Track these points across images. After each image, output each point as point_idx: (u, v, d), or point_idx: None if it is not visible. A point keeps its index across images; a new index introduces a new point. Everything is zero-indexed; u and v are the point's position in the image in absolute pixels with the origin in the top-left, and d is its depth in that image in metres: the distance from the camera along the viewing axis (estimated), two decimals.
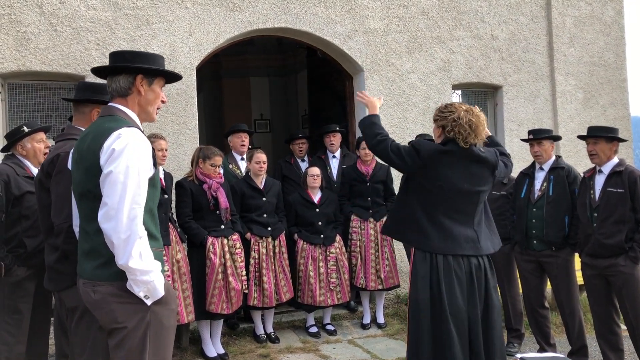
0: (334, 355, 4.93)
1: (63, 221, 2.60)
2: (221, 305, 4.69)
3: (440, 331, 2.94)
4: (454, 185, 3.04)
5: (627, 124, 7.39)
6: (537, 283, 4.68)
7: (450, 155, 3.06)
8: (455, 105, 3.13)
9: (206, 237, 4.69)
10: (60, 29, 5.24)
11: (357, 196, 5.60)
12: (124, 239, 2.12)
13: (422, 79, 6.50)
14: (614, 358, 4.23)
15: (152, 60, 2.43)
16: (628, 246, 4.03)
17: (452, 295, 2.95)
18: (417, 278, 3.02)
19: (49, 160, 2.81)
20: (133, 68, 2.37)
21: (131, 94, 2.39)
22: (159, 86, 2.46)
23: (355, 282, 5.48)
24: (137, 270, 2.14)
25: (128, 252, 2.12)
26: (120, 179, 2.15)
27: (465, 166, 3.07)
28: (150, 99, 2.42)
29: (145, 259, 2.17)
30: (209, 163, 4.78)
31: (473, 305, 3.00)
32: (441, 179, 3.04)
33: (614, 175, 4.15)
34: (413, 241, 3.11)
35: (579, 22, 7.23)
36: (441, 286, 2.96)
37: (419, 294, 2.99)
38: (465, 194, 3.07)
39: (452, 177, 3.04)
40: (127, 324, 2.19)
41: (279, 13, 5.93)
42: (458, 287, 2.97)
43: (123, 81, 2.37)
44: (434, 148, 3.10)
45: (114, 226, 2.12)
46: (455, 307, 2.95)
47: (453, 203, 3.07)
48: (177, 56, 5.57)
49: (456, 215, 3.08)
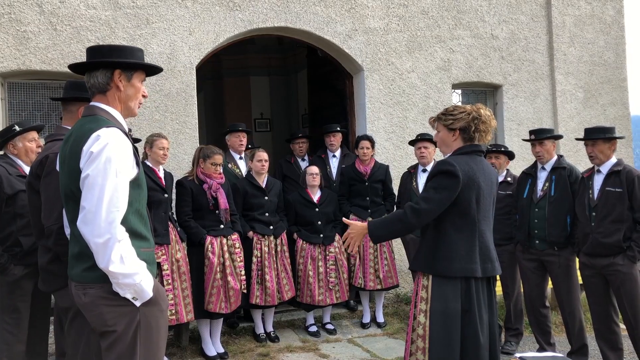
0: (334, 354, 4.93)
1: (53, 223, 2.58)
2: (219, 304, 4.69)
3: (471, 342, 2.87)
4: (483, 197, 2.93)
5: (627, 123, 7.39)
6: (539, 282, 4.68)
7: (476, 165, 2.91)
8: (464, 106, 3.01)
9: (205, 236, 4.70)
10: (60, 28, 5.24)
11: (356, 196, 5.60)
12: (102, 243, 2.07)
13: (422, 78, 6.50)
14: (614, 357, 4.23)
15: (129, 54, 2.33)
16: (626, 245, 4.03)
17: (480, 306, 2.91)
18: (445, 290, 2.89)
19: (38, 161, 2.78)
20: (110, 62, 2.28)
21: (110, 89, 2.30)
22: (139, 80, 2.36)
23: (353, 282, 5.48)
24: (118, 274, 2.10)
25: (107, 256, 2.08)
26: (98, 181, 2.10)
27: (486, 175, 2.96)
28: (130, 94, 2.33)
29: (128, 262, 2.12)
30: (209, 162, 4.79)
31: (492, 314, 2.96)
32: (477, 191, 2.89)
33: (612, 174, 4.15)
34: (456, 271, 2.87)
35: (579, 21, 7.23)
36: (472, 298, 2.89)
37: (448, 305, 2.87)
38: (489, 204, 2.99)
39: (482, 188, 2.91)
40: (117, 327, 2.16)
41: (279, 12, 5.93)
42: (483, 298, 2.94)
43: (101, 77, 2.29)
44: (462, 160, 2.90)
45: (91, 230, 2.08)
46: (481, 317, 2.90)
47: (486, 216, 2.97)
48: (177, 55, 5.58)
49: (487, 229, 2.98)
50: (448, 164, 2.86)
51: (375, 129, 6.28)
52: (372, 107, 6.30)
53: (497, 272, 2.98)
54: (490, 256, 2.96)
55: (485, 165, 2.99)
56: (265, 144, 8.26)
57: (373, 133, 6.17)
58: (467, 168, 2.85)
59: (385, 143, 6.32)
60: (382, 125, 6.33)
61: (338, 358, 4.84)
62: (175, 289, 4.48)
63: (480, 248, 2.92)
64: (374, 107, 6.31)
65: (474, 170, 2.87)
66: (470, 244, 2.89)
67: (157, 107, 5.50)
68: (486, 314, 2.94)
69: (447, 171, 2.84)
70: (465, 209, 2.87)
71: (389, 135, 6.36)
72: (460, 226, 2.88)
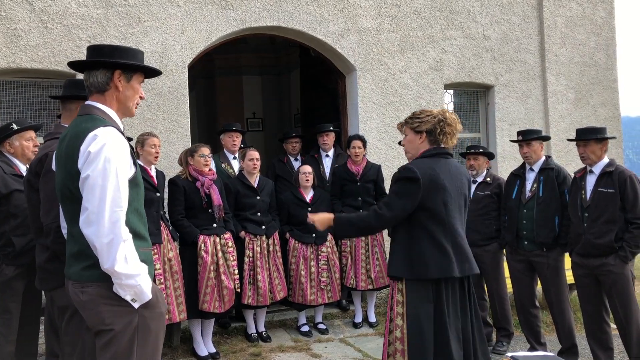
0: (326, 354, 4.93)
1: (52, 221, 2.57)
2: (213, 304, 4.68)
3: (440, 342, 2.91)
4: (451, 198, 2.97)
5: (617, 124, 7.44)
6: (528, 283, 4.70)
7: (440, 167, 2.98)
8: (429, 109, 3.11)
9: (198, 236, 4.68)
10: (51, 26, 5.21)
11: (348, 196, 5.60)
12: (106, 243, 2.07)
13: (414, 79, 6.51)
14: (604, 357, 4.26)
15: (131, 55, 2.34)
16: (618, 246, 4.05)
17: (448, 309, 2.94)
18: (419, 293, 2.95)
19: (38, 159, 2.78)
20: (111, 63, 2.29)
21: (109, 89, 2.30)
22: (138, 82, 2.37)
23: (345, 282, 5.48)
24: (122, 275, 2.10)
25: (112, 256, 2.08)
26: (99, 182, 2.10)
27: (453, 176, 3.01)
28: (129, 95, 2.34)
29: (131, 262, 2.13)
30: (197, 155, 4.77)
31: (465, 315, 3.00)
32: (443, 193, 2.93)
33: (604, 175, 4.17)
34: (436, 272, 2.91)
35: (570, 22, 7.27)
36: (442, 301, 2.93)
37: (423, 308, 2.92)
38: (459, 205, 3.03)
39: (449, 189, 2.96)
40: (115, 326, 2.15)
41: (272, 11, 5.92)
42: (452, 300, 2.97)
43: (100, 76, 2.29)
44: (424, 164, 2.97)
45: (95, 231, 2.08)
46: (451, 319, 2.93)
47: (456, 217, 3.00)
48: (169, 54, 5.55)
49: (460, 230, 3.01)
50: (409, 170, 2.95)
51: (368, 129, 6.28)
52: (364, 107, 6.30)
53: (475, 272, 3.03)
54: (466, 256, 3.00)
55: (452, 167, 3.04)
56: (257, 144, 8.24)
57: (365, 133, 6.17)
58: (429, 172, 2.93)
59: (378, 143, 6.33)
60: (375, 125, 6.33)
61: (330, 358, 4.84)
62: (168, 288, 4.47)
63: (455, 248, 2.97)
64: (366, 107, 6.31)
65: (437, 172, 2.95)
66: (444, 245, 2.94)
67: (149, 106, 5.47)
68: (459, 316, 2.97)
69: (407, 177, 2.93)
70: (434, 212, 2.94)
71: (381, 135, 6.37)
72: (432, 229, 2.95)
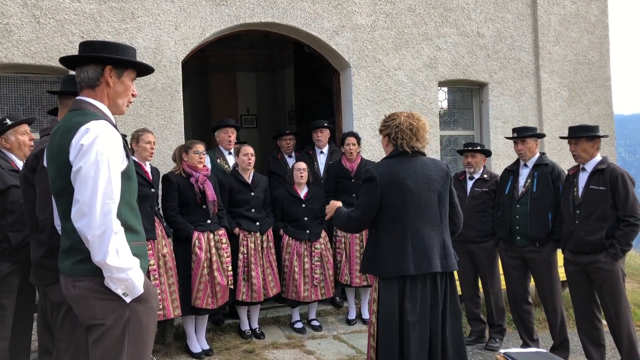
0: (319, 350, 4.94)
1: (47, 216, 2.57)
2: (206, 300, 4.67)
3: (403, 339, 2.97)
4: (415, 196, 3.05)
5: (610, 122, 7.47)
6: (521, 279, 4.73)
7: (401, 166, 3.09)
8: (397, 113, 3.24)
9: (192, 232, 4.67)
10: (43, 21, 5.17)
11: (342, 192, 5.60)
12: (98, 235, 2.07)
13: (408, 76, 6.52)
14: (595, 353, 4.29)
15: (122, 51, 2.34)
16: (609, 243, 4.08)
17: (414, 307, 2.98)
18: (385, 291, 3.03)
19: (34, 155, 2.77)
20: (102, 58, 2.28)
21: (99, 85, 2.30)
22: (130, 79, 2.37)
23: (340, 278, 5.49)
24: (113, 268, 2.10)
25: (104, 248, 2.07)
26: (91, 174, 2.09)
27: (418, 173, 3.09)
28: (119, 91, 2.34)
29: (123, 255, 2.12)
30: (192, 152, 4.76)
31: (434, 314, 3.03)
32: (402, 190, 3.04)
33: (596, 173, 4.19)
34: (391, 271, 3.02)
35: (564, 20, 7.29)
36: (405, 301, 2.99)
37: (388, 306, 3.01)
38: (427, 201, 3.08)
39: (411, 187, 3.05)
40: (106, 320, 2.15)
41: (266, 7, 5.90)
42: (421, 300, 3.00)
43: (91, 72, 2.29)
44: (383, 164, 3.14)
45: (87, 223, 2.07)
46: (415, 317, 2.98)
47: (421, 215, 3.06)
48: (163, 50, 5.53)
49: (427, 227, 3.07)
50: (367, 171, 3.15)
51: (362, 126, 6.29)
52: (358, 104, 6.30)
53: (434, 270, 3.03)
54: (427, 254, 3.02)
55: (417, 165, 3.11)
56: (251, 140, 8.23)
57: (360, 130, 6.18)
58: (387, 171, 3.08)
59: (372, 140, 6.33)
60: (369, 122, 6.34)
61: (323, 354, 4.84)
62: (162, 284, 4.46)
63: (414, 247, 3.01)
64: (360, 104, 6.31)
65: (396, 172, 3.06)
66: (401, 243, 3.02)
67: (142, 102, 5.45)
68: (425, 314, 2.99)
69: (366, 178, 3.13)
70: (391, 210, 3.05)
71: (375, 132, 6.36)
72: (390, 228, 3.06)
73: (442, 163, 3.27)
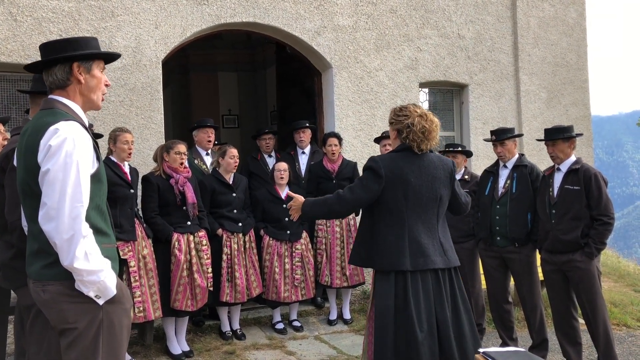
0: (300, 351, 4.93)
1: (17, 218, 2.53)
2: (185, 302, 4.64)
3: (406, 337, 2.92)
4: (416, 193, 3.02)
5: (587, 124, 7.60)
6: (501, 279, 4.77)
7: (407, 162, 3.05)
8: (410, 109, 3.12)
9: (171, 233, 4.64)
10: (20, 18, 5.09)
11: (324, 193, 5.54)
12: (66, 239, 2.02)
13: (389, 77, 6.55)
14: (572, 351, 4.35)
15: (85, 45, 2.26)
16: (584, 242, 4.14)
17: (417, 302, 2.95)
18: (382, 285, 3.01)
19: (4, 154, 2.72)
20: (66, 57, 2.22)
21: (71, 84, 2.24)
22: (99, 69, 2.30)
23: (320, 279, 5.49)
24: (83, 271, 2.06)
25: (72, 252, 2.03)
26: (59, 176, 2.04)
27: (423, 171, 3.06)
28: (92, 85, 2.28)
29: (92, 258, 2.07)
30: (173, 152, 4.71)
31: (441, 309, 3.00)
32: (405, 187, 3.01)
33: (571, 173, 4.26)
34: (386, 265, 3.00)
35: (543, 23, 7.39)
36: (408, 294, 2.95)
37: (384, 300, 2.97)
38: (428, 200, 3.06)
39: (414, 184, 3.02)
40: (78, 324, 2.10)
41: (247, 7, 5.88)
42: (423, 294, 2.98)
43: (59, 73, 2.23)
44: (390, 158, 3.07)
45: (55, 227, 2.02)
46: (419, 313, 2.94)
47: (419, 212, 3.04)
48: (143, 49, 5.48)
49: (423, 225, 3.06)
50: (373, 160, 3.08)
51: (344, 127, 6.30)
52: (340, 105, 6.31)
53: (433, 266, 3.03)
54: (423, 251, 3.02)
55: (423, 162, 3.08)
56: (233, 141, 8.20)
57: (341, 130, 6.18)
58: (392, 165, 3.03)
59: (354, 140, 6.35)
60: (351, 123, 6.35)
61: (304, 355, 4.84)
62: (143, 286, 4.42)
63: (411, 242, 3.01)
64: (342, 104, 6.32)
65: (401, 167, 3.02)
66: (399, 238, 3.00)
67: (122, 102, 5.40)
68: (434, 310, 2.98)
69: (369, 167, 3.07)
70: (392, 205, 3.02)
71: (357, 132, 6.39)
72: (389, 222, 3.03)
73: (449, 161, 3.21)
